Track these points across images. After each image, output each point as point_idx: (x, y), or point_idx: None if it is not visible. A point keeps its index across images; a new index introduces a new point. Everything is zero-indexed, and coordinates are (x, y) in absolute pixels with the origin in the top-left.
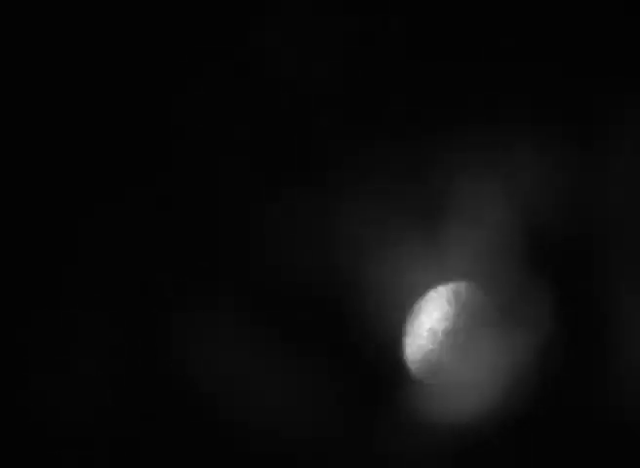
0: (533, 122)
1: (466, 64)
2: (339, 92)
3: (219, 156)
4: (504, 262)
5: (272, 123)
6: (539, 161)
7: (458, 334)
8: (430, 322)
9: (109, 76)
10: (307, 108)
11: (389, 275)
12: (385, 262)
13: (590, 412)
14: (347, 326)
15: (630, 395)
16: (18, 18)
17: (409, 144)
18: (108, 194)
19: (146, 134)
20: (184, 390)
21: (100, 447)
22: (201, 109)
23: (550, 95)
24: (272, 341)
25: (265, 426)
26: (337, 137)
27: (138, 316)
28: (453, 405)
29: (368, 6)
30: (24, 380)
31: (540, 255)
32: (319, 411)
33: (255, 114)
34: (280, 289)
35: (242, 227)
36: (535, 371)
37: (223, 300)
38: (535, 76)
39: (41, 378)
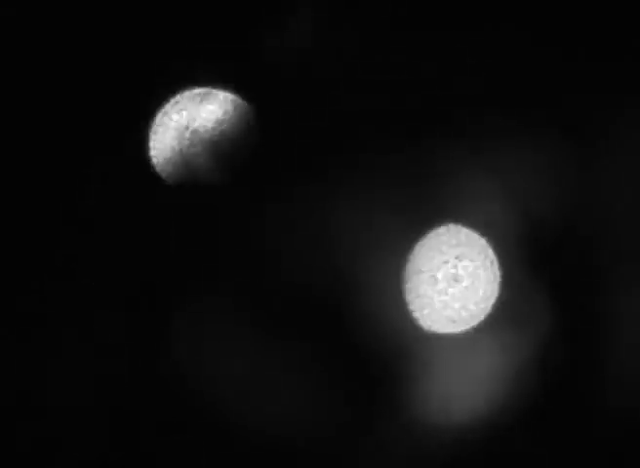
0: (533, 122)
1: (466, 64)
2: (338, 92)
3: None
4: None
5: (272, 122)
6: (538, 161)
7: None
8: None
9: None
10: (306, 108)
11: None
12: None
13: (590, 412)
14: (347, 326)
15: (630, 395)
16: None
17: (408, 145)
18: (108, 193)
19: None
20: (184, 390)
21: (100, 446)
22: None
23: (550, 94)
24: (272, 341)
25: (265, 426)
26: (336, 137)
27: (137, 316)
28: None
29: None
30: (25, 380)
31: (539, 256)
32: (319, 411)
33: (254, 112)
34: (280, 289)
35: (242, 227)
36: (534, 371)
37: (223, 300)
38: (534, 75)
39: (41, 378)
